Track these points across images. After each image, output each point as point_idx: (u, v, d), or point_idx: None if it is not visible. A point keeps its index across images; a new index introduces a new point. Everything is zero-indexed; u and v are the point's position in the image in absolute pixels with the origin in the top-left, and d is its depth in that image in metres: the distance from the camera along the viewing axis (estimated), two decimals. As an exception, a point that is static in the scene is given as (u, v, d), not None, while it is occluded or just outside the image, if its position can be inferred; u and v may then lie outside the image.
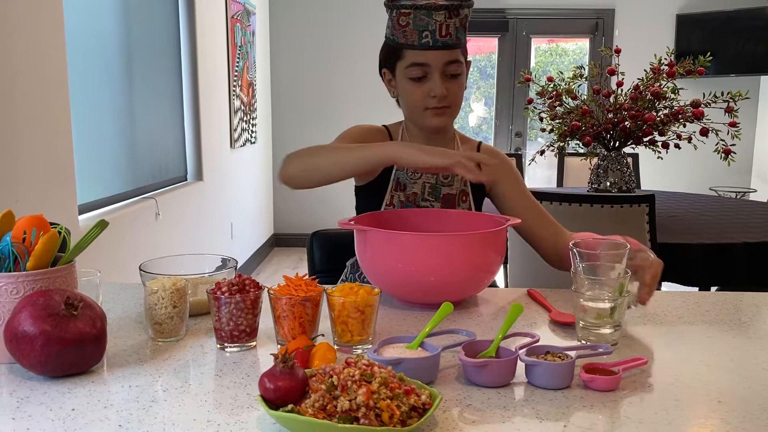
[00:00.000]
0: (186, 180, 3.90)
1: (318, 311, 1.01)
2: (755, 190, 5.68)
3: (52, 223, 1.02)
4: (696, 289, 2.26)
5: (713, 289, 2.30)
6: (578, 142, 2.70)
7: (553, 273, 1.48)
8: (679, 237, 2.28)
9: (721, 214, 2.76)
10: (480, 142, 1.60)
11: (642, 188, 4.04)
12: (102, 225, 1.00)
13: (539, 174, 5.95)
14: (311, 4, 5.69)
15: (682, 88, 2.56)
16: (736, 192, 5.51)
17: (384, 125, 1.57)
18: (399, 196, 1.49)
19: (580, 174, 4.00)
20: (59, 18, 2.24)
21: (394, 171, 1.49)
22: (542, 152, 2.79)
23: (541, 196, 2.14)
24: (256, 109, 5.26)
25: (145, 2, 3.32)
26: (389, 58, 1.46)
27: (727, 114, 2.48)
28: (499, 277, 3.38)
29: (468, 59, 1.48)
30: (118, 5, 2.99)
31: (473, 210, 1.52)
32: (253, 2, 5.11)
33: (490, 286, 1.51)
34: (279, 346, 1.01)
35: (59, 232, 0.99)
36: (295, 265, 5.33)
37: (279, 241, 6.02)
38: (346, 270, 1.58)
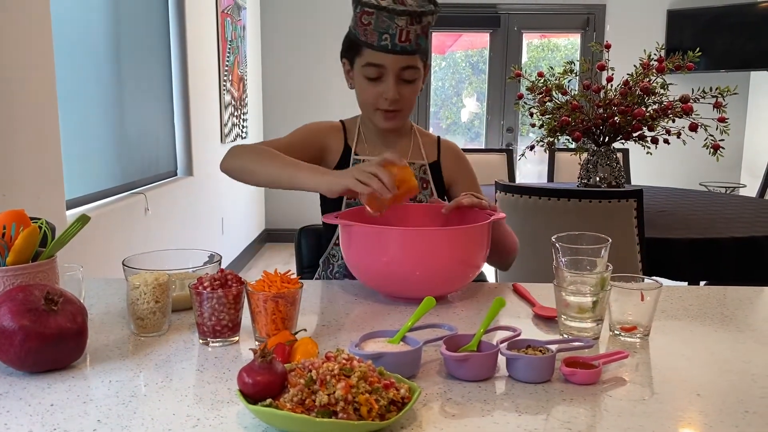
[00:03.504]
0: (176, 175, 3.88)
1: (295, 308, 1.00)
2: (744, 185, 5.70)
3: (33, 218, 1.01)
4: (685, 284, 2.26)
5: (702, 284, 2.31)
6: (568, 137, 2.70)
7: (543, 267, 1.48)
8: (668, 232, 2.28)
9: (710, 210, 2.77)
10: (438, 137, 1.61)
11: (632, 183, 4.06)
12: (83, 220, 1.00)
13: (530, 169, 5.96)
14: (303, -2, 5.67)
15: (671, 84, 2.57)
16: (725, 187, 5.53)
17: (341, 120, 1.58)
18: None
19: (570, 169, 4.01)
20: (45, 12, 2.22)
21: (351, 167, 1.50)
22: (532, 147, 2.79)
23: (529, 191, 2.15)
24: (246, 103, 5.24)
25: (134, -4, 3.30)
26: (349, 50, 1.46)
27: (715, 109, 2.48)
28: (491, 272, 3.38)
29: (428, 62, 1.48)
30: (107, -1, 2.97)
31: (435, 196, 1.53)
32: (244, -3, 5.09)
33: (479, 280, 1.51)
34: (257, 342, 1.00)
35: (40, 227, 0.98)
36: (286, 261, 5.32)
37: (270, 236, 6.01)
38: (319, 268, 1.58)
